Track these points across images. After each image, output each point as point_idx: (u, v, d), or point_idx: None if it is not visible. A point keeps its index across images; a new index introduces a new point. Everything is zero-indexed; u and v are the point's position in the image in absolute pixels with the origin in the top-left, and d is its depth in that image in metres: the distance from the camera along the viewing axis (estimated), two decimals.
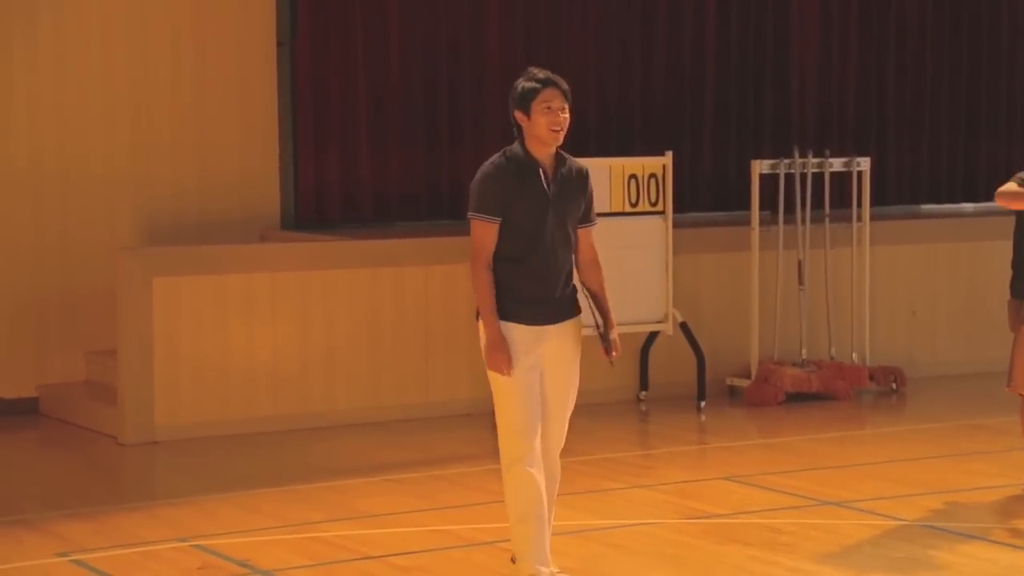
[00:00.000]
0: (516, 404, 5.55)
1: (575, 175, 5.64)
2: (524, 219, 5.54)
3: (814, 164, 10.06)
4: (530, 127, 5.55)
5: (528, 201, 5.54)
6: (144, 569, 6.13)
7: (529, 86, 5.55)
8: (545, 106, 5.52)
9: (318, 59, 10.16)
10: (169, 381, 8.70)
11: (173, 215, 9.82)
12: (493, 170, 5.58)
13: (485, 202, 5.55)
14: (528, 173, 5.56)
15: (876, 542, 6.49)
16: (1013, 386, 7.06)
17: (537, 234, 5.55)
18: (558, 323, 5.65)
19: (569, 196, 5.61)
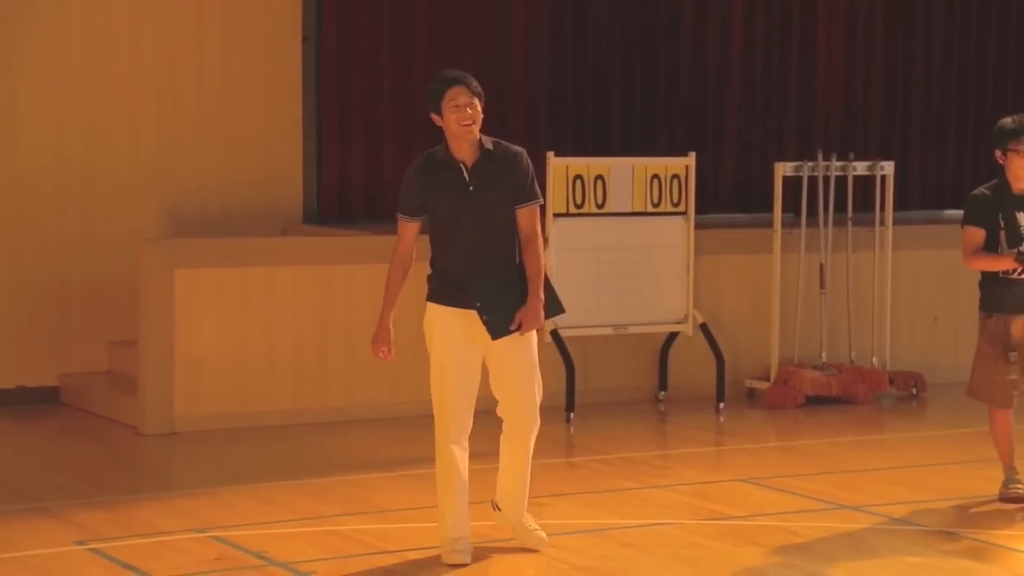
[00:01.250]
0: (446, 384, 6.00)
1: (501, 161, 6.01)
2: (445, 212, 5.99)
3: (837, 167, 10.04)
4: (445, 125, 5.96)
5: (447, 196, 5.97)
6: (161, 559, 6.16)
7: (436, 87, 6.00)
8: (453, 104, 5.91)
9: (343, 54, 10.19)
10: (189, 372, 8.73)
11: (196, 208, 9.85)
12: (409, 173, 6.09)
13: (403, 203, 6.09)
14: (447, 169, 5.98)
15: (893, 547, 6.48)
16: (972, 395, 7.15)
17: (459, 225, 5.96)
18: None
19: (494, 184, 5.97)
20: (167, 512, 6.95)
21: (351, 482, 7.53)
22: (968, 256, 6.99)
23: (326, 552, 6.28)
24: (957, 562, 6.25)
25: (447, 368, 6.02)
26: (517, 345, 6.04)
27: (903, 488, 7.49)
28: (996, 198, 6.94)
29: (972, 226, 6.97)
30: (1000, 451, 7.18)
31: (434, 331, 6.09)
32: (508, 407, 6.15)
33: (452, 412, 6.02)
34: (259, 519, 6.79)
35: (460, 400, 6.02)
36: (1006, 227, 6.90)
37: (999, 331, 6.98)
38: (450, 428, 6.02)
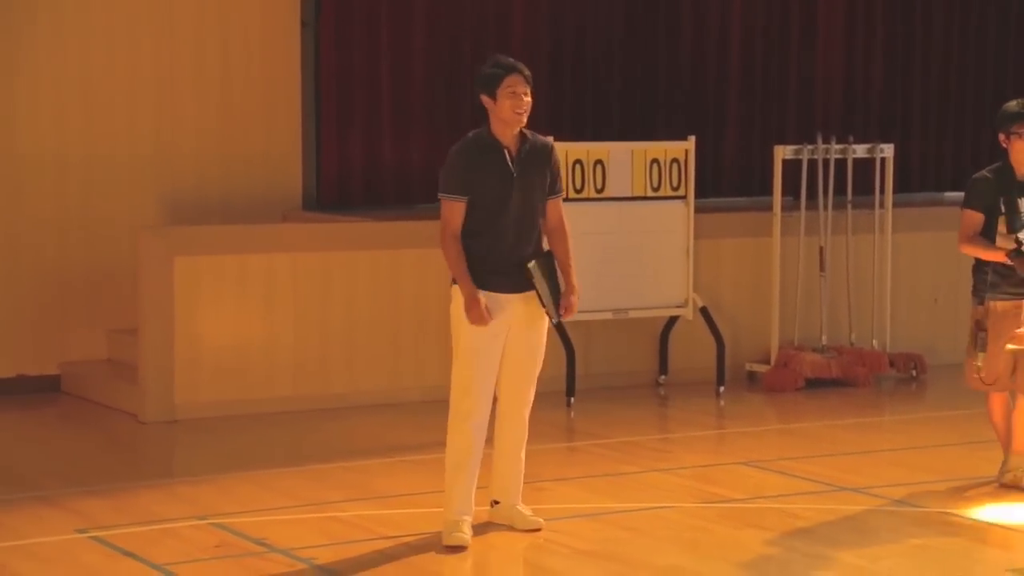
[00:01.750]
0: (473, 366, 6.04)
1: (539, 150, 6.13)
2: (489, 196, 6.02)
3: (837, 150, 10.03)
4: (496, 110, 6.04)
5: (492, 179, 6.02)
6: (162, 546, 6.17)
7: (494, 72, 6.07)
8: (510, 91, 6.02)
9: (342, 40, 10.17)
10: (189, 360, 8.74)
11: (196, 195, 9.85)
12: (457, 153, 6.08)
13: (450, 183, 6.05)
14: (492, 152, 6.03)
15: (893, 528, 6.48)
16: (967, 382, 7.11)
17: (502, 209, 6.02)
18: (523, 292, 6.08)
19: (534, 171, 6.08)
20: (167, 499, 6.96)
21: (352, 468, 7.54)
22: (964, 240, 6.95)
23: (327, 538, 6.29)
24: (956, 543, 6.26)
25: (477, 352, 6.05)
26: (539, 330, 6.16)
27: (903, 470, 7.49)
28: (998, 182, 6.88)
29: (971, 209, 6.91)
30: (996, 432, 7.18)
31: (464, 314, 6.07)
32: (514, 389, 6.19)
33: (479, 396, 6.06)
34: (259, 505, 6.80)
35: (487, 384, 6.08)
36: (1007, 212, 6.83)
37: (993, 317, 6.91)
38: (474, 411, 6.07)
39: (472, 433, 6.10)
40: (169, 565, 5.90)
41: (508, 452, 6.27)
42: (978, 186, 6.92)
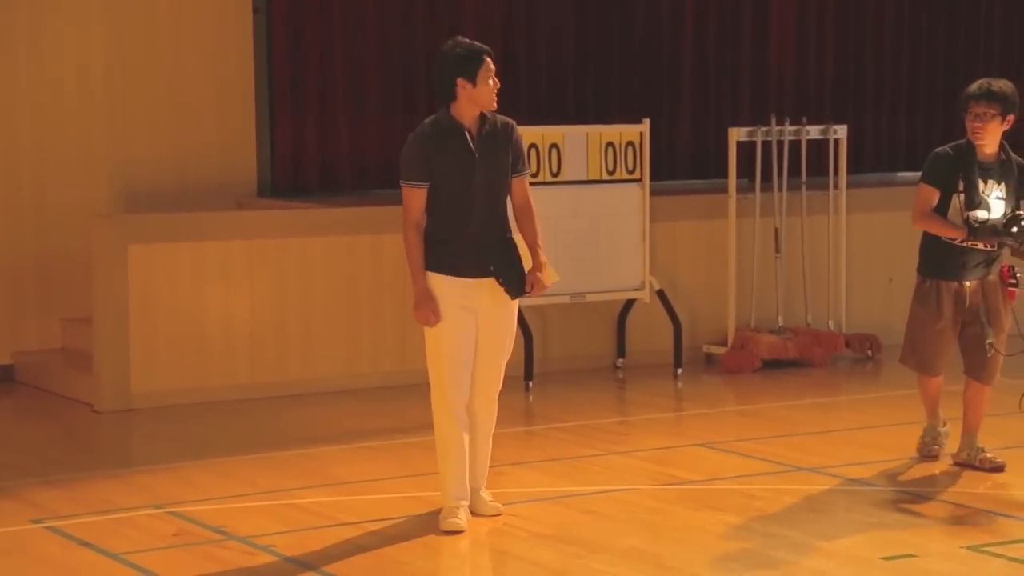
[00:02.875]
0: (447, 356, 6.04)
1: (500, 130, 6.08)
2: (451, 179, 5.98)
3: (791, 132, 10.06)
4: (473, 94, 5.96)
5: (454, 162, 5.98)
6: (119, 536, 6.13)
7: (472, 55, 5.98)
8: (488, 74, 5.96)
9: (294, 25, 10.11)
10: (145, 349, 8.68)
11: (149, 182, 9.78)
12: (416, 138, 6.02)
13: (411, 169, 6.01)
14: (453, 135, 5.98)
15: (849, 507, 6.53)
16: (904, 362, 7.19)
17: (465, 192, 5.98)
18: (490, 276, 6.05)
19: (496, 152, 6.04)
20: (124, 489, 6.92)
21: (310, 455, 7.52)
22: (919, 216, 6.93)
23: (285, 525, 6.27)
24: (913, 521, 6.30)
25: (450, 337, 6.04)
26: (508, 314, 6.15)
27: (860, 449, 7.54)
28: (958, 159, 6.86)
29: (929, 185, 6.89)
30: (927, 408, 7.24)
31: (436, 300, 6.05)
32: (485, 372, 6.17)
33: (455, 381, 6.06)
34: (217, 494, 6.77)
35: (463, 369, 6.07)
36: (966, 190, 6.81)
37: (937, 297, 6.96)
38: (452, 397, 6.06)
39: (455, 419, 6.09)
40: (126, 554, 5.87)
41: (477, 435, 6.25)
42: (938, 162, 6.90)
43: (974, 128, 6.83)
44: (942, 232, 6.89)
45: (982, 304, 6.95)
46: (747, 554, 5.86)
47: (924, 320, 7.02)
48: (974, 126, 6.83)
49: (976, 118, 6.83)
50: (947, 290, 6.95)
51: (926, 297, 7.00)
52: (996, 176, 6.86)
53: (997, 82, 6.91)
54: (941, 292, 6.96)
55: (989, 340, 6.92)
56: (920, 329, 7.05)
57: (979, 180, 6.81)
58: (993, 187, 6.85)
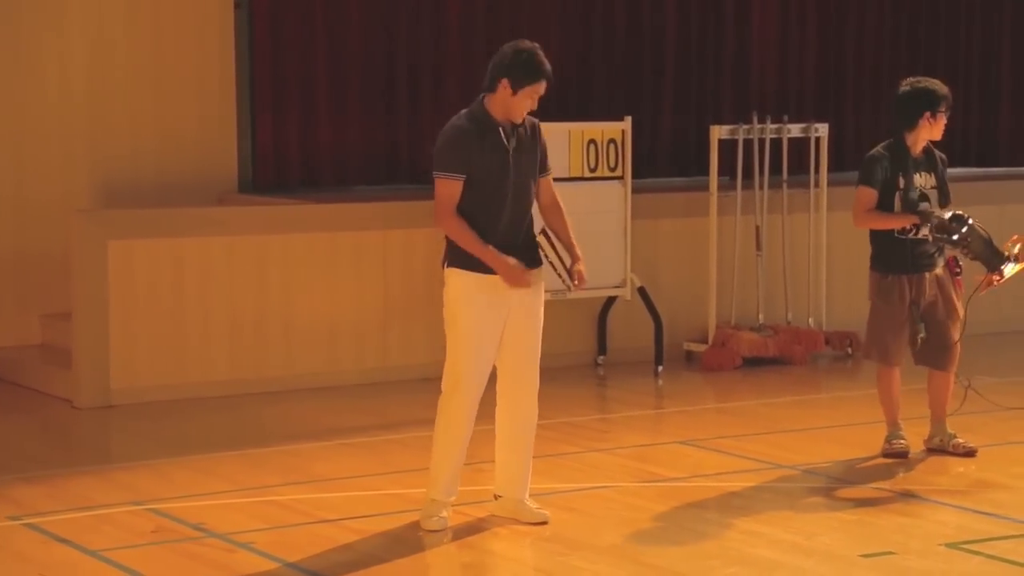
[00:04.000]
0: (471, 347, 5.97)
1: (528, 130, 6.07)
2: (486, 175, 5.93)
3: (772, 130, 10.08)
4: (508, 100, 5.95)
5: (490, 157, 5.93)
6: (98, 532, 6.11)
7: (533, 72, 5.95)
8: (533, 92, 5.97)
9: (276, 21, 10.09)
10: (125, 345, 8.66)
11: (129, 178, 9.75)
12: (454, 131, 5.96)
13: (450, 160, 5.93)
14: (488, 131, 5.94)
15: (829, 505, 6.54)
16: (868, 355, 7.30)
17: (500, 188, 5.94)
18: None
19: (527, 150, 6.03)
20: (103, 485, 6.90)
21: (290, 452, 7.51)
22: (861, 215, 7.08)
23: (264, 522, 6.26)
24: (892, 518, 6.32)
25: (477, 335, 5.96)
26: (537, 315, 6.11)
27: (839, 446, 7.55)
28: (894, 159, 7.07)
29: (868, 186, 7.08)
30: (886, 409, 7.29)
31: (462, 297, 5.99)
32: (516, 375, 6.11)
33: (475, 379, 5.99)
34: (197, 490, 6.76)
35: (484, 368, 6.02)
36: (904, 188, 7.02)
37: (899, 290, 7.05)
38: (469, 395, 6.00)
39: (465, 418, 6.02)
40: (105, 551, 5.85)
41: (510, 444, 6.17)
42: (875, 163, 7.10)
43: (942, 129, 7.12)
44: (889, 224, 7.07)
45: (938, 295, 7.11)
46: (727, 551, 5.87)
47: (888, 314, 7.12)
48: (943, 126, 7.12)
49: (943, 118, 7.11)
50: (908, 283, 7.07)
51: (888, 291, 7.11)
52: (925, 168, 7.14)
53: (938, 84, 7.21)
54: (903, 285, 7.07)
55: (921, 335, 7.07)
56: (885, 323, 7.14)
57: (914, 176, 7.06)
58: (926, 178, 7.11)
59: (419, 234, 9.21)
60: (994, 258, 7.01)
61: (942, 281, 7.13)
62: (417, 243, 9.26)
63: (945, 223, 6.92)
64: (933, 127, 7.10)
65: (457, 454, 6.07)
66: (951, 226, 6.90)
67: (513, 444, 6.18)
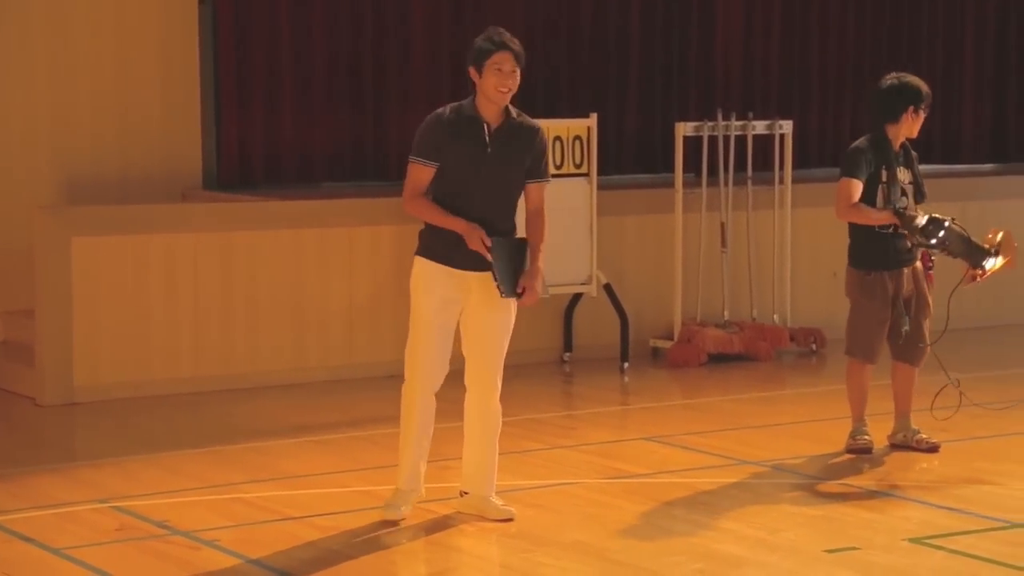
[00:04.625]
0: (428, 338, 6.01)
1: (522, 131, 6.03)
2: (458, 168, 5.95)
3: (737, 127, 10.12)
4: (481, 84, 5.96)
5: (464, 151, 5.94)
6: (62, 531, 6.08)
7: (484, 46, 5.98)
8: (496, 67, 5.93)
9: (241, 16, 10.05)
10: (88, 342, 8.61)
11: (93, 173, 9.69)
12: (432, 117, 6.02)
13: (422, 147, 5.99)
14: (470, 124, 5.95)
15: (794, 500, 6.57)
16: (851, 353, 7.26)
17: (469, 184, 5.94)
18: (482, 271, 5.97)
19: (511, 151, 5.99)
20: (67, 483, 6.86)
21: (256, 449, 7.49)
22: (844, 208, 7.06)
23: (230, 520, 6.24)
24: (857, 513, 6.35)
25: (429, 324, 6.02)
26: (499, 314, 6.07)
27: (804, 442, 7.59)
28: (878, 152, 7.06)
29: (853, 178, 7.04)
30: (853, 405, 7.32)
31: (420, 286, 6.05)
32: (480, 370, 6.13)
33: (428, 368, 6.04)
34: (162, 488, 6.73)
35: (438, 357, 6.05)
36: (888, 181, 7.03)
37: (881, 287, 7.07)
38: (423, 383, 6.06)
39: (420, 404, 6.08)
40: (68, 549, 5.82)
41: (476, 440, 6.19)
42: (859, 155, 7.08)
43: (920, 125, 7.13)
44: (870, 220, 7.03)
45: (914, 290, 7.13)
46: (693, 547, 5.89)
47: (872, 311, 7.12)
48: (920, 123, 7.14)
49: (924, 115, 7.12)
50: (890, 279, 7.08)
51: (871, 289, 7.11)
52: (902, 163, 7.16)
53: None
54: (885, 282, 7.07)
55: (905, 328, 7.09)
56: (869, 321, 7.13)
57: (897, 170, 7.09)
58: (905, 173, 7.14)
59: (385, 231, 9.20)
60: (975, 254, 7.01)
61: (917, 275, 7.15)
62: (383, 240, 9.24)
63: (922, 227, 6.89)
64: (914, 123, 7.10)
65: (415, 441, 6.10)
66: (929, 230, 6.89)
67: (477, 440, 6.20)
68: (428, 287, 6.04)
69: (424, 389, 6.07)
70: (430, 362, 6.05)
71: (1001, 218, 11.27)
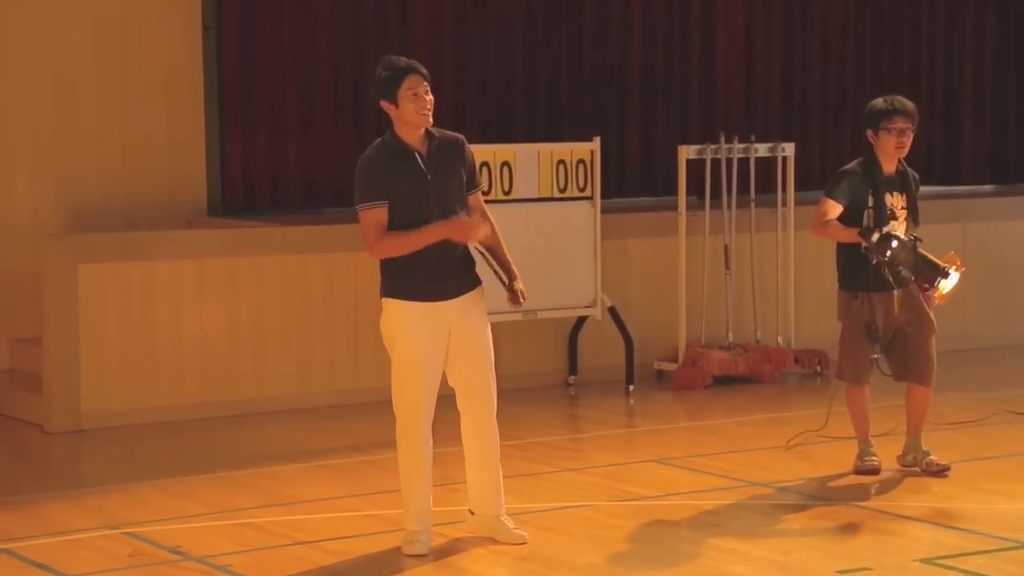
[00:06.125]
0: (414, 380, 5.96)
1: (449, 147, 6.01)
2: (406, 202, 5.89)
3: (740, 149, 10.16)
4: (399, 114, 5.91)
5: (407, 184, 5.89)
6: (74, 557, 6.09)
7: (389, 75, 5.93)
8: (411, 93, 5.89)
9: (244, 44, 10.09)
10: (95, 369, 8.63)
11: (98, 201, 9.72)
12: (365, 161, 5.94)
13: (368, 191, 5.90)
14: (403, 157, 5.91)
15: (804, 522, 6.59)
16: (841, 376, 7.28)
17: (420, 214, 5.88)
18: (459, 296, 5.99)
19: (448, 170, 5.97)
20: (78, 510, 6.87)
21: (264, 474, 7.50)
22: (818, 224, 7.09)
23: (242, 545, 6.25)
24: (866, 535, 6.36)
25: (418, 363, 5.95)
26: (481, 333, 6.06)
27: (811, 464, 7.60)
28: (866, 176, 7.07)
29: (833, 199, 7.07)
30: (857, 427, 7.34)
31: (399, 327, 5.98)
32: (473, 395, 6.09)
33: (422, 406, 5.98)
34: (172, 514, 6.74)
35: (429, 394, 5.99)
36: (875, 206, 7.03)
37: (870, 310, 7.08)
38: (419, 422, 5.99)
39: (419, 444, 6.01)
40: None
41: (479, 462, 6.16)
42: (846, 179, 7.10)
43: (900, 143, 7.10)
44: (838, 236, 7.07)
45: (911, 311, 7.14)
46: (704, 569, 5.90)
47: (858, 334, 7.13)
48: (901, 140, 7.10)
49: (901, 133, 7.10)
50: (879, 302, 7.09)
51: (859, 312, 7.12)
52: (898, 187, 7.15)
53: (903, 99, 7.19)
54: (873, 305, 7.08)
55: (875, 355, 7.09)
56: (857, 344, 7.15)
57: (886, 195, 7.07)
58: (898, 198, 7.13)
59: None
60: (926, 271, 7.01)
61: (912, 297, 7.15)
62: None
63: (876, 242, 6.87)
64: (889, 143, 7.04)
65: (421, 481, 6.05)
66: (881, 245, 6.87)
67: (480, 461, 6.19)
68: (407, 327, 5.95)
69: (423, 430, 6.02)
70: (426, 400, 6.00)
71: (1001, 239, 11.36)
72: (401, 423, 6.05)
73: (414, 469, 6.04)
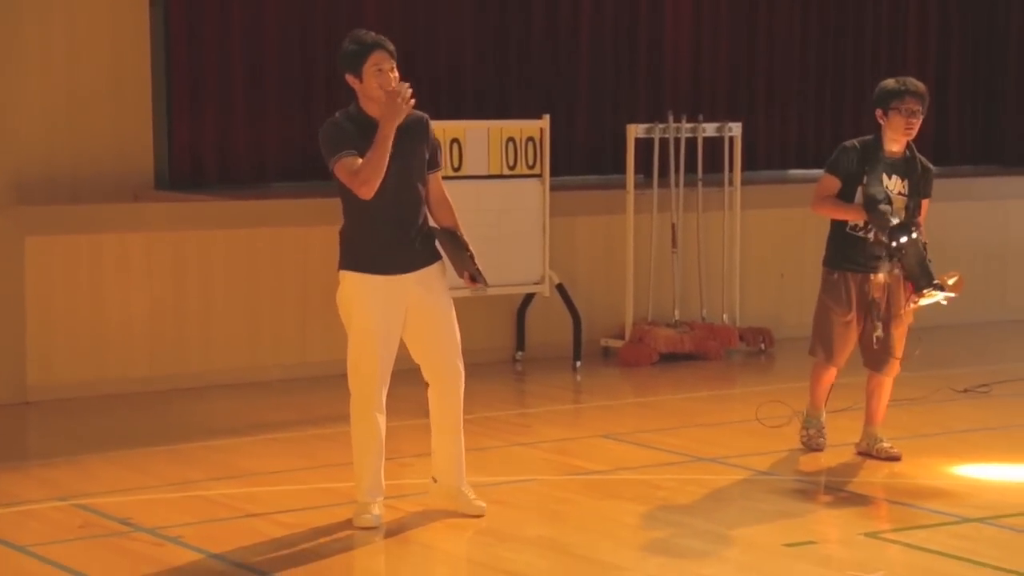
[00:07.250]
0: (369, 352, 5.97)
1: (413, 125, 5.99)
2: None
3: (688, 129, 10.23)
4: (363, 89, 5.91)
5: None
6: (24, 528, 6.07)
7: (356, 49, 5.91)
8: (376, 68, 5.89)
9: (193, 16, 10.02)
10: (42, 341, 8.58)
11: (44, 175, 9.63)
12: (333, 125, 5.94)
13: (339, 145, 5.86)
14: (366, 129, 5.87)
15: (747, 496, 6.67)
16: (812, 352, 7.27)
17: (382, 187, 5.84)
18: (417, 271, 6.01)
19: (410, 147, 5.96)
20: (26, 481, 6.85)
21: (214, 447, 7.50)
22: (817, 201, 7.10)
23: (193, 516, 6.25)
24: (812, 508, 6.47)
25: (373, 335, 5.97)
26: (443, 304, 6.10)
27: (756, 439, 7.69)
28: (864, 153, 7.02)
29: (832, 174, 7.05)
30: (813, 399, 7.34)
31: (355, 299, 6.00)
32: (439, 365, 6.13)
33: (377, 379, 6.00)
34: (122, 486, 6.73)
35: (384, 367, 6.01)
36: (868, 183, 6.95)
37: (845, 288, 7.13)
38: (373, 394, 6.01)
39: (373, 417, 6.03)
40: (33, 546, 5.81)
41: (445, 431, 6.20)
42: (845, 154, 7.06)
43: (909, 124, 6.97)
44: (840, 214, 7.05)
45: (885, 299, 7.09)
46: (654, 542, 5.98)
47: (833, 311, 7.15)
48: (910, 122, 6.97)
49: (911, 114, 6.97)
50: (854, 281, 7.10)
51: (834, 288, 7.14)
52: (901, 172, 7.06)
53: (914, 80, 7.09)
54: (849, 283, 7.11)
55: (877, 333, 7.08)
56: (829, 320, 7.17)
57: (884, 175, 6.99)
58: (897, 182, 7.04)
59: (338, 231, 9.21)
60: (922, 279, 6.91)
61: (891, 285, 7.06)
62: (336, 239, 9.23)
63: (894, 226, 6.80)
64: (898, 125, 6.93)
65: (374, 454, 6.08)
66: (897, 231, 6.81)
67: (444, 433, 6.24)
68: (363, 299, 5.98)
69: (378, 403, 6.04)
70: (380, 376, 6.02)
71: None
72: (356, 396, 6.07)
73: (367, 442, 6.06)
